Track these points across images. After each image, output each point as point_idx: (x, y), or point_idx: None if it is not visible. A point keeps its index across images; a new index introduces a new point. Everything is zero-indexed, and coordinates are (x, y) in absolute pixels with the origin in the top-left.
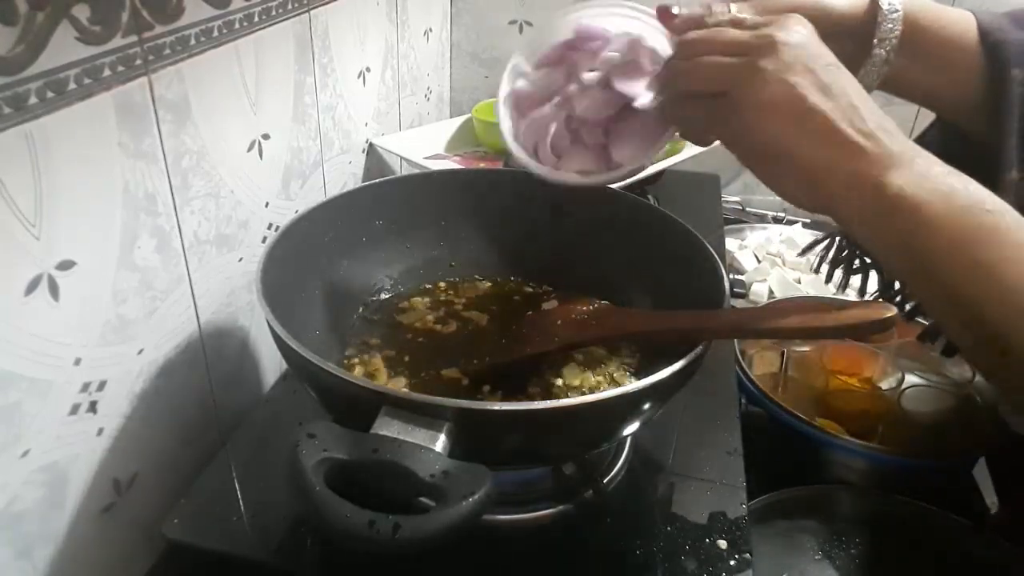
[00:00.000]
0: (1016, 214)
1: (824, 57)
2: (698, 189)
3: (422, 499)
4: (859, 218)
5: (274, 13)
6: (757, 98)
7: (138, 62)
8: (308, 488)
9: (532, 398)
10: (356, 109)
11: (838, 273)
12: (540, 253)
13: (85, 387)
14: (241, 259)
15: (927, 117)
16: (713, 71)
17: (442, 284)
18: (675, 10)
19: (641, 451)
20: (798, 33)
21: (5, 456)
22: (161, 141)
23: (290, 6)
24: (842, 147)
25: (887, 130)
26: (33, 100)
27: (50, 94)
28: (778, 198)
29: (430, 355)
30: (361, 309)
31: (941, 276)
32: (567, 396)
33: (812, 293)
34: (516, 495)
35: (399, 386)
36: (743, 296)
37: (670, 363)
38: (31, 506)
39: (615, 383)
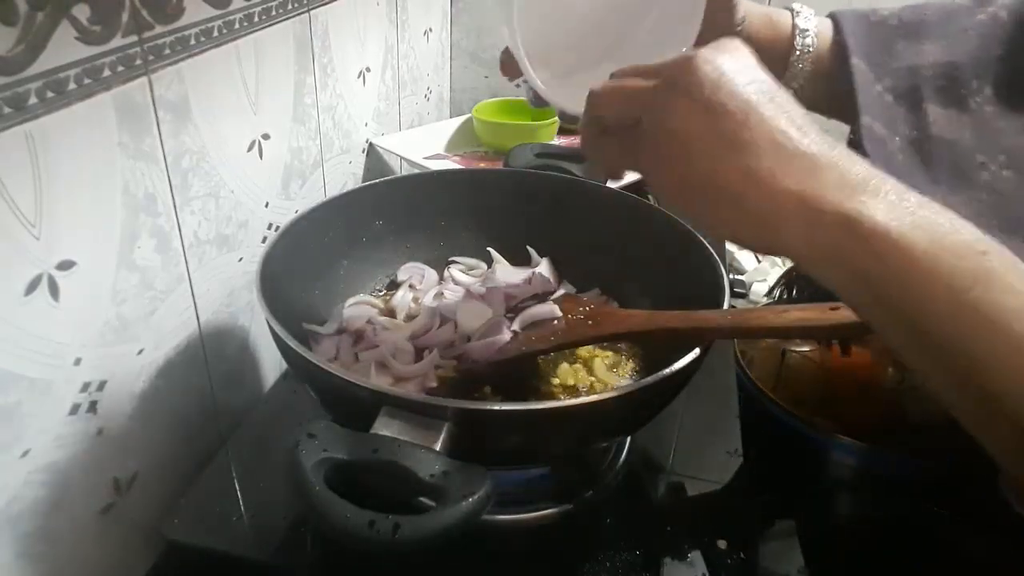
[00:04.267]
0: (1006, 254)
1: (760, 76)
2: None
3: (422, 499)
4: (822, 258)
5: (274, 13)
6: (672, 120)
7: (138, 62)
8: (308, 488)
9: (531, 398)
10: (356, 109)
11: None
12: (540, 253)
13: (85, 387)
14: (241, 259)
15: None
16: (622, 95)
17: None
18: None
19: (641, 451)
20: (726, 49)
21: (5, 456)
22: (161, 141)
23: (290, 6)
24: (793, 163)
25: (842, 149)
26: (33, 100)
27: (50, 94)
28: None
29: None
30: None
31: (931, 327)
32: (563, 395)
33: None
34: (516, 495)
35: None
36: (743, 296)
37: (670, 363)
38: (31, 506)
39: (612, 383)
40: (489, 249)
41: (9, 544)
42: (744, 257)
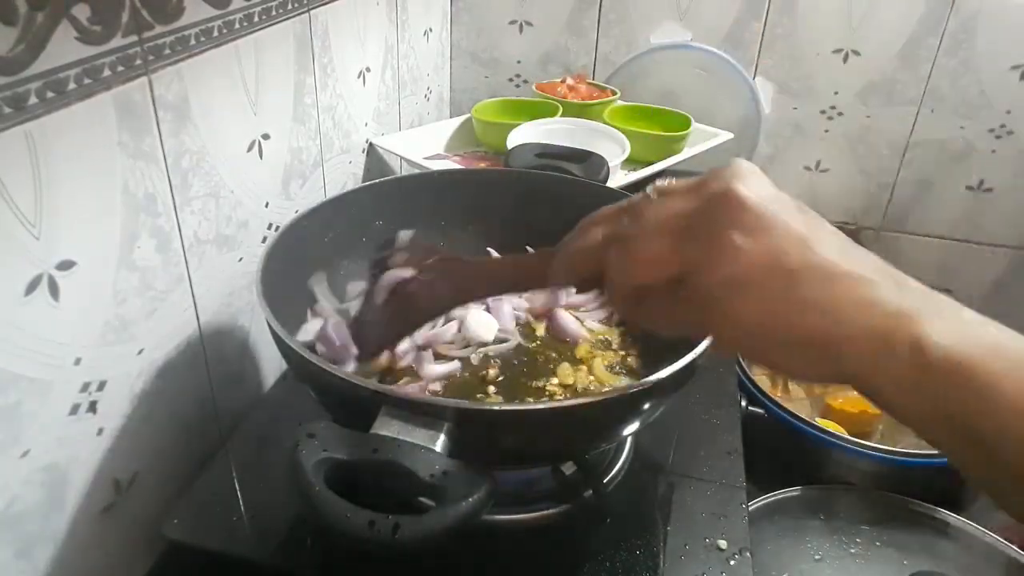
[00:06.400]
0: None
1: (787, 201)
2: None
3: (422, 499)
4: (894, 387)
5: (274, 13)
6: (728, 272)
7: (138, 62)
8: (308, 488)
9: (531, 398)
10: (356, 109)
11: None
12: None
13: (85, 387)
14: (241, 259)
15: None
16: (655, 254)
17: None
18: None
19: (641, 451)
20: (752, 179)
21: (5, 456)
22: (161, 141)
23: (290, 6)
24: (858, 304)
25: (895, 273)
26: (33, 100)
27: (50, 94)
28: None
29: None
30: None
31: (1005, 447)
32: (563, 395)
33: None
34: (516, 495)
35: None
36: None
37: (670, 363)
38: (31, 506)
39: (613, 383)
40: (488, 249)
41: (9, 544)
42: None
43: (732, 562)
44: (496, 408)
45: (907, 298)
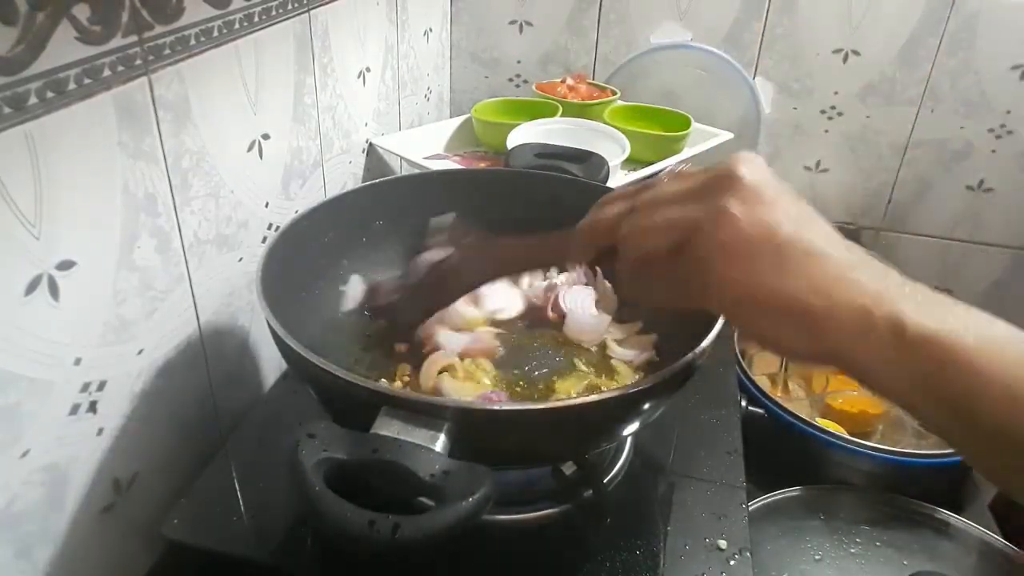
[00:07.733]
0: None
1: (786, 188)
2: None
3: (422, 499)
4: (875, 363)
5: (274, 13)
6: (724, 236)
7: (138, 62)
8: (308, 488)
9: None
10: (356, 109)
11: None
12: None
13: (85, 387)
14: (241, 259)
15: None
16: (663, 221)
17: None
18: None
19: (641, 451)
20: (755, 163)
21: (5, 456)
22: (161, 141)
23: (290, 6)
24: (839, 280)
25: (877, 263)
26: (33, 100)
27: (50, 94)
28: None
29: None
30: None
31: (984, 417)
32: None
33: None
34: (516, 495)
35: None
36: None
37: (670, 363)
38: (31, 506)
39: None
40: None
41: (9, 544)
42: None
43: (732, 562)
44: (496, 408)
45: (887, 282)
